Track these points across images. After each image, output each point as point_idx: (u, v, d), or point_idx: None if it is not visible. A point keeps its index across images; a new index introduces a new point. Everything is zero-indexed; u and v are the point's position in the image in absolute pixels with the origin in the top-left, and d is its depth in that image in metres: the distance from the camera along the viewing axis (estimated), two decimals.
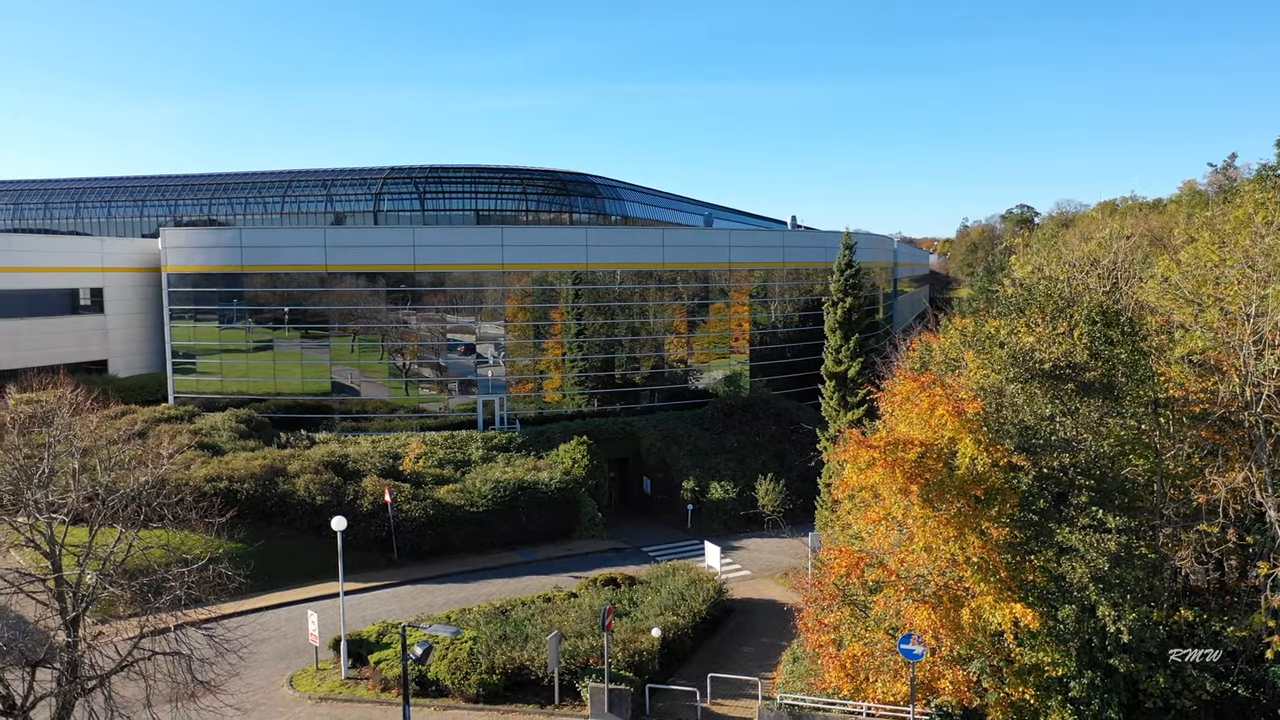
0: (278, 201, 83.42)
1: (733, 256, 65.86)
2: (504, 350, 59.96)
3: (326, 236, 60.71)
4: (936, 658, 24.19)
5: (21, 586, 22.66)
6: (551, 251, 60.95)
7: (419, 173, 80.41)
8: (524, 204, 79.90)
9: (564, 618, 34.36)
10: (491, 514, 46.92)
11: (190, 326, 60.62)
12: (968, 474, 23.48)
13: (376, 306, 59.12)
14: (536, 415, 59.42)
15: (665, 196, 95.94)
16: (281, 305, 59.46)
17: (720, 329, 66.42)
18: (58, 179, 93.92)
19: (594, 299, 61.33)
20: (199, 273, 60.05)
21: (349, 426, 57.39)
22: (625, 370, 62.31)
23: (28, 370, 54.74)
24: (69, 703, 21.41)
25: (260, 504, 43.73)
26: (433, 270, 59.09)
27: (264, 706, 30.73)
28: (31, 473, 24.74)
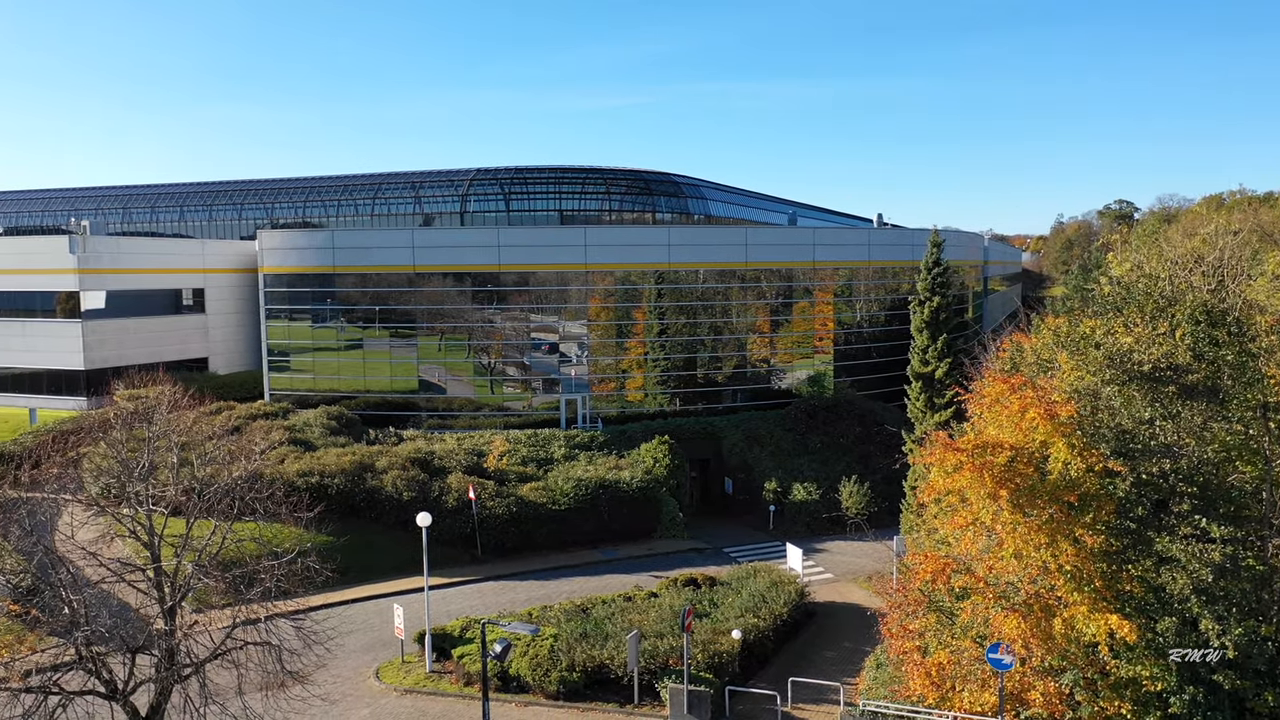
0: (368, 203, 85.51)
1: (817, 255, 65.00)
2: (587, 349, 60.31)
3: (414, 238, 62.00)
4: (1026, 668, 23.38)
5: (124, 575, 23.60)
6: (634, 251, 61.07)
7: (504, 174, 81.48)
8: (607, 204, 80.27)
9: (644, 617, 34.33)
10: (573, 512, 47.21)
11: (285, 325, 62.54)
12: (1060, 479, 22.63)
13: (463, 306, 60.09)
14: (619, 414, 59.60)
15: (749, 195, 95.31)
16: (371, 305, 60.93)
17: (804, 328, 65.63)
18: (163, 184, 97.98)
19: (677, 298, 61.24)
20: (293, 273, 61.89)
21: (435, 424, 58.45)
22: (707, 370, 62.06)
23: (133, 368, 57.30)
24: (166, 688, 22.20)
25: (349, 499, 44.78)
26: (517, 270, 59.78)
27: (351, 697, 31.43)
28: (134, 466, 25.78)
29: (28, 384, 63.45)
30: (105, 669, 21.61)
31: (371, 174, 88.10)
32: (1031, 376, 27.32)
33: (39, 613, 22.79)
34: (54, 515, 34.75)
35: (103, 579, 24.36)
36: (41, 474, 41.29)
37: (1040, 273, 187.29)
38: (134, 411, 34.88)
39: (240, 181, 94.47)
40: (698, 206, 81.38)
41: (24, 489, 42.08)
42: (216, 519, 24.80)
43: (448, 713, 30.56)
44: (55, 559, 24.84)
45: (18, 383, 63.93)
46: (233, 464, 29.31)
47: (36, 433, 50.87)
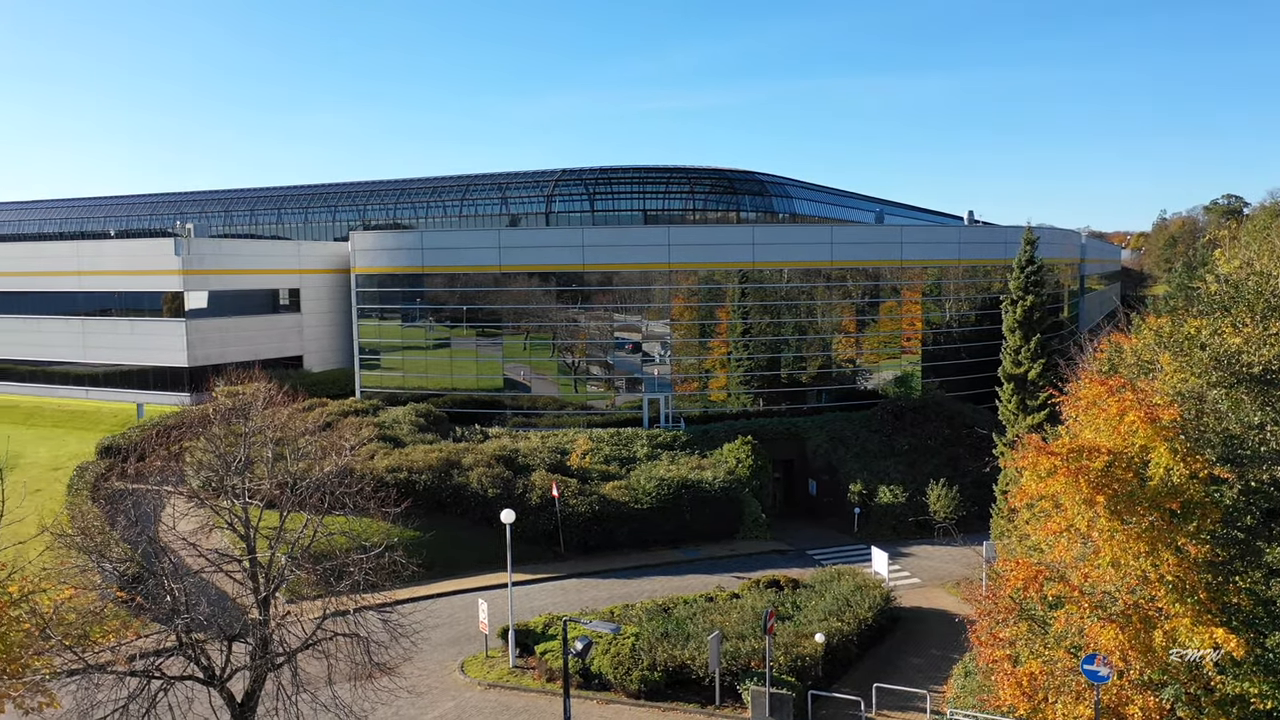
0: (457, 205, 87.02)
1: (905, 253, 63.75)
2: (670, 349, 60.28)
3: (501, 238, 62.85)
4: (1124, 681, 22.47)
5: (221, 566, 24.43)
6: (718, 250, 60.81)
7: (589, 174, 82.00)
8: (691, 203, 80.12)
9: (726, 618, 34.13)
10: (655, 511, 47.23)
11: (375, 324, 64.08)
12: (1161, 485, 21.68)
13: (547, 305, 60.67)
14: (701, 414, 59.42)
15: (834, 193, 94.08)
16: (459, 304, 61.99)
17: (891, 328, 64.44)
18: (262, 187, 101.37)
19: (760, 297, 60.76)
20: (384, 273, 63.37)
21: (520, 422, 59.15)
22: (791, 370, 61.42)
23: (232, 365, 59.42)
24: (261, 676, 22.90)
25: (436, 495, 45.60)
26: (601, 270, 60.08)
27: (436, 690, 31.99)
28: (231, 460, 26.66)
29: (135, 379, 66.39)
30: (204, 655, 22.39)
31: (460, 175, 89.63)
32: (1131, 378, 26.26)
33: (143, 600, 23.73)
34: (158, 506, 36.15)
35: (202, 569, 25.30)
36: (147, 467, 43.11)
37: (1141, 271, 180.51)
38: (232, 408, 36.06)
39: (334, 184, 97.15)
40: (782, 205, 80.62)
41: (130, 481, 44.10)
42: (308, 513, 25.49)
43: (530, 708, 30.86)
44: (158, 548, 25.87)
45: (126, 378, 66.94)
46: (324, 459, 30.10)
47: (143, 427, 53.12)
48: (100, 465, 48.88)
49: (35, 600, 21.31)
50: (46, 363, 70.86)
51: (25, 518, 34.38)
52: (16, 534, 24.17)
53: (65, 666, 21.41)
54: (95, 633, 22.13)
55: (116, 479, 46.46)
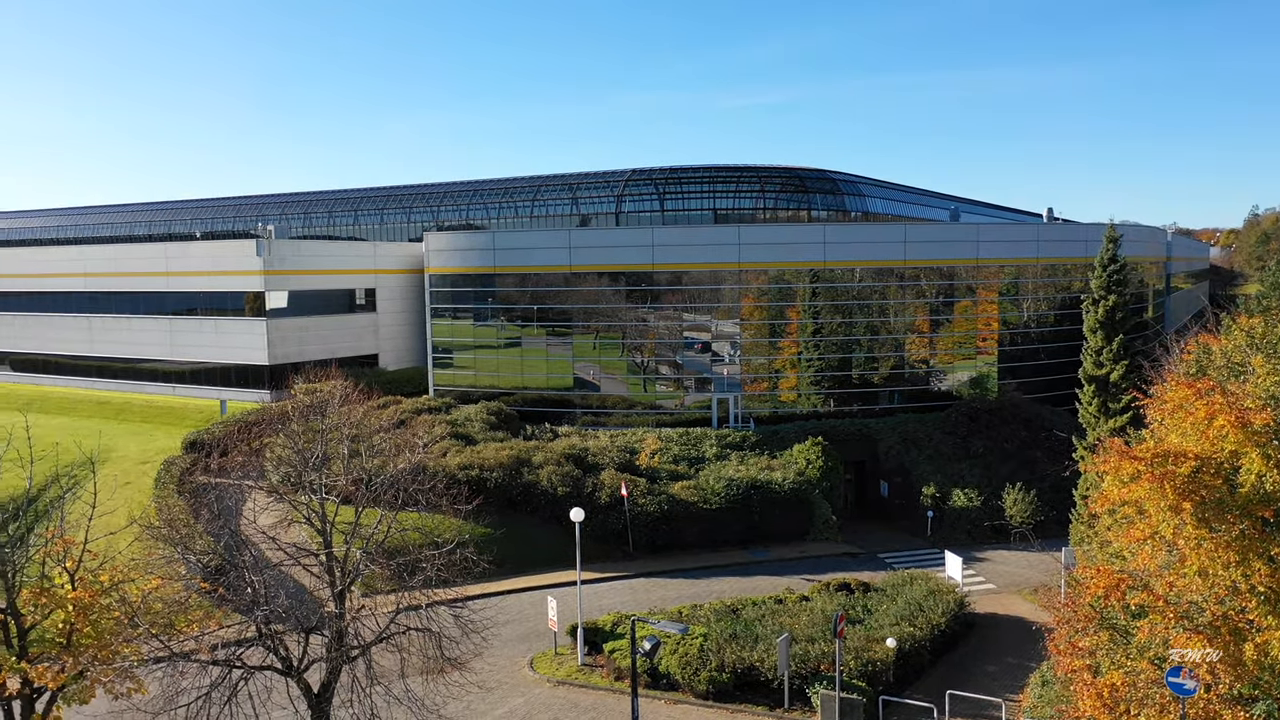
0: (528, 205, 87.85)
1: (981, 252, 62.41)
2: (739, 348, 60.01)
3: (571, 238, 63.29)
4: (1212, 695, 21.64)
5: (299, 559, 25.05)
6: (788, 249, 60.32)
7: (658, 174, 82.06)
8: (761, 202, 79.65)
9: (795, 620, 33.84)
10: (724, 512, 47.06)
11: (448, 324, 65.06)
12: (1253, 493, 20.83)
13: (617, 305, 60.90)
14: (771, 414, 59.02)
15: (908, 191, 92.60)
16: (530, 304, 62.61)
17: (966, 328, 63.16)
18: (340, 190, 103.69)
19: (832, 297, 60.08)
20: (457, 273, 64.30)
21: (589, 421, 59.47)
22: (863, 370, 60.62)
23: (310, 363, 60.91)
24: (336, 668, 23.41)
25: (506, 492, 46.10)
26: (670, 269, 60.08)
27: (506, 686, 32.35)
28: (309, 457, 27.29)
29: (219, 377, 68.48)
30: (282, 646, 22.97)
31: (531, 176, 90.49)
32: (1220, 381, 25.29)
33: (225, 591, 24.43)
34: (239, 500, 37.27)
35: (281, 562, 25.97)
36: (229, 462, 44.41)
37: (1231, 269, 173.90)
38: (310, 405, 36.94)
39: (409, 186, 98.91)
40: (855, 204, 79.62)
41: (214, 475, 45.47)
42: (383, 508, 25.97)
43: (598, 705, 31.00)
44: (240, 541, 26.67)
45: (210, 375, 69.09)
46: (398, 456, 30.67)
47: (225, 423, 54.77)
48: (186, 460, 50.51)
49: (125, 589, 22.12)
50: (136, 360, 73.52)
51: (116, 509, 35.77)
52: (108, 525, 25.10)
53: (152, 654, 22.18)
54: (180, 622, 22.89)
55: (201, 473, 47.94)
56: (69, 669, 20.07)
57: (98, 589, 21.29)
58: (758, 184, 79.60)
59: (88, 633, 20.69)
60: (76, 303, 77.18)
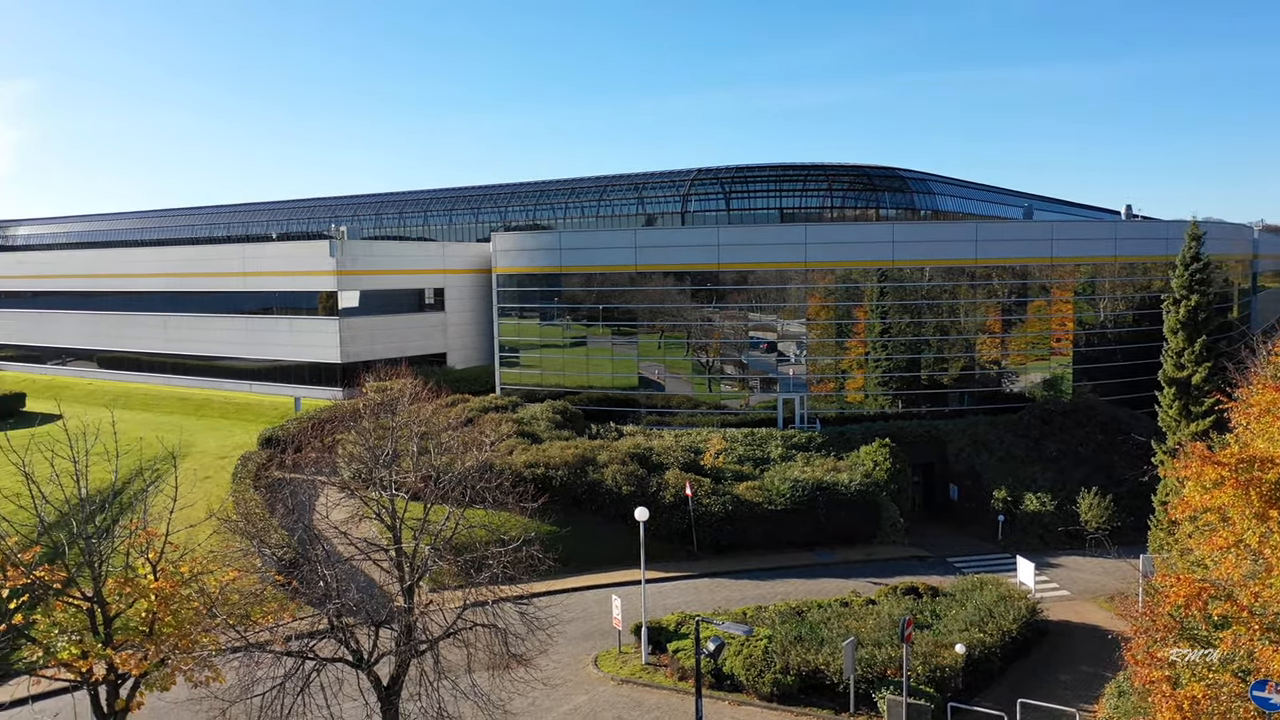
0: (594, 205, 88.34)
1: (1055, 250, 60.92)
2: (805, 348, 59.52)
3: (636, 238, 63.45)
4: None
5: (370, 554, 25.56)
6: (856, 249, 59.63)
7: (725, 173, 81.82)
8: (828, 201, 78.90)
9: (861, 624, 33.45)
10: (789, 513, 46.72)
11: (515, 323, 65.75)
12: None
13: (682, 304, 60.90)
14: (837, 415, 58.42)
15: (980, 188, 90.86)
16: (595, 303, 62.95)
17: (1040, 328, 61.72)
18: (410, 191, 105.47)
19: (900, 296, 59.24)
20: (523, 273, 64.95)
21: (654, 420, 59.56)
22: (932, 371, 59.65)
23: (380, 361, 62.07)
24: (405, 661, 23.83)
25: (571, 491, 46.39)
26: (736, 269, 59.86)
27: (570, 683, 32.57)
28: (380, 453, 27.84)
29: (293, 375, 70.23)
30: (353, 639, 23.45)
31: (597, 176, 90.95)
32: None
33: (299, 584, 25.06)
34: (312, 496, 38.16)
35: (352, 556, 26.51)
36: (303, 458, 45.51)
37: None
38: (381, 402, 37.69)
39: (477, 187, 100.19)
40: (924, 202, 78.40)
41: (288, 470, 46.61)
42: (451, 505, 26.34)
43: (662, 705, 31.04)
44: (313, 536, 27.30)
45: (284, 373, 70.89)
46: (466, 454, 31.10)
47: (299, 420, 56.10)
48: (261, 455, 51.86)
49: (204, 581, 22.82)
50: (215, 358, 75.78)
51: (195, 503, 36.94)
52: (188, 518, 25.95)
53: (229, 644, 22.84)
54: (256, 613, 23.53)
55: (276, 469, 49.20)
56: (151, 656, 20.78)
57: (178, 580, 22.00)
58: (825, 182, 78.88)
59: (169, 622, 21.40)
60: (159, 302, 79.86)
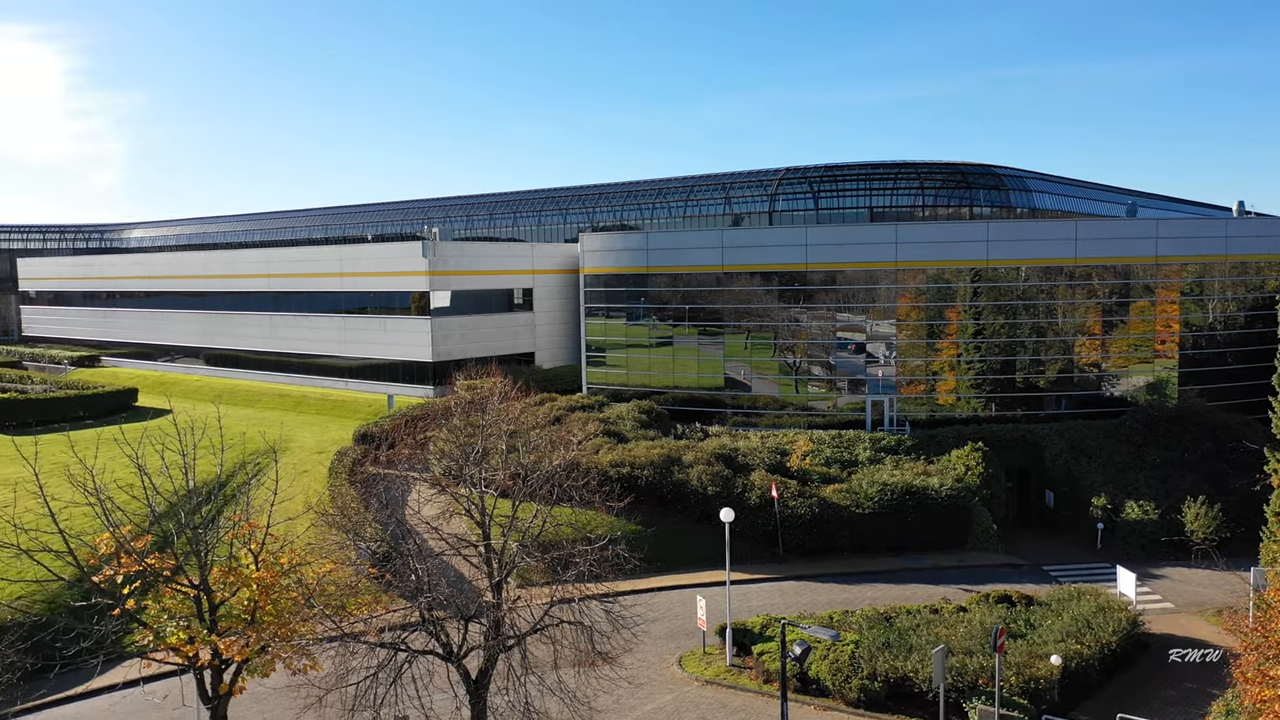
0: (681, 205, 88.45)
1: (1160, 249, 58.60)
2: (895, 349, 58.52)
3: (723, 238, 63.28)
4: None
5: (459, 550, 26.08)
6: (948, 248, 58.38)
7: (813, 172, 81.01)
8: (920, 199, 77.45)
9: (951, 632, 32.74)
10: (877, 517, 46.01)
11: (602, 323, 66.26)
12: None
13: (769, 305, 60.51)
14: (927, 418, 57.29)
15: (1079, 185, 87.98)
16: (681, 303, 63.00)
17: (1143, 330, 59.43)
18: (499, 192, 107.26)
19: (995, 297, 57.76)
20: (610, 273, 65.39)
21: (739, 421, 59.32)
22: (1028, 373, 57.98)
23: (470, 360, 63.28)
24: (493, 656, 24.24)
25: (657, 490, 46.52)
26: (824, 269, 59.21)
27: (654, 682, 32.68)
28: (469, 451, 28.40)
29: (386, 373, 72.11)
30: (443, 632, 23.96)
31: (684, 176, 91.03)
32: None
33: (391, 577, 25.72)
34: (405, 491, 39.03)
35: (443, 551, 27.10)
36: (396, 454, 46.63)
37: None
38: (471, 401, 38.42)
39: (565, 188, 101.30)
40: (1020, 199, 76.29)
41: (382, 466, 47.83)
42: (538, 503, 26.71)
43: (747, 707, 30.91)
44: (405, 530, 28.00)
45: (378, 371, 72.83)
46: (553, 452, 31.46)
47: (393, 417, 57.55)
48: (356, 451, 53.36)
49: (302, 572, 23.65)
50: (312, 356, 78.30)
51: (294, 496, 38.23)
52: (287, 510, 26.85)
53: (325, 634, 23.61)
54: (351, 605, 24.29)
55: (370, 464, 50.55)
56: (253, 643, 21.64)
57: (278, 570, 22.85)
58: (916, 180, 77.43)
59: (269, 610, 22.23)
60: (261, 302, 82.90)
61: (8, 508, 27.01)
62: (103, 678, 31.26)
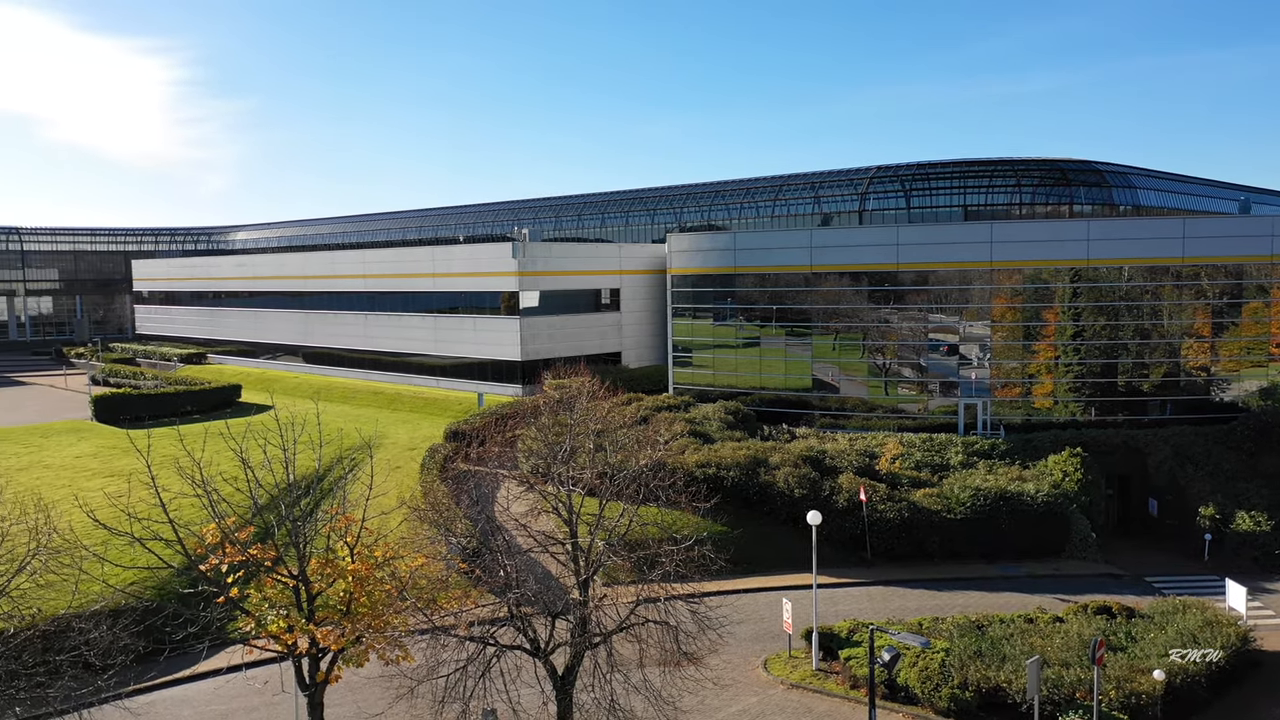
0: (769, 205, 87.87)
1: (1276, 247, 55.80)
2: (989, 351, 57.06)
3: (812, 238, 62.64)
4: None
5: (547, 547, 26.44)
6: (1046, 247, 56.64)
7: (905, 170, 79.57)
8: (1016, 197, 75.37)
9: (1047, 642, 31.78)
10: (969, 523, 44.94)
11: (688, 323, 66.26)
12: None
13: (858, 305, 59.66)
14: (1023, 422, 55.68)
15: (1188, 181, 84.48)
16: (769, 304, 62.58)
17: (1256, 332, 56.67)
18: (587, 193, 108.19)
19: (1095, 297, 55.83)
20: (697, 274, 65.35)
21: (827, 423, 58.63)
22: (1130, 377, 55.87)
23: (558, 360, 63.99)
24: (579, 653, 24.49)
25: (742, 492, 46.29)
26: (915, 269, 58.10)
27: (739, 684, 32.55)
28: (557, 449, 28.75)
29: (476, 371, 73.44)
30: (530, 628, 24.32)
31: (772, 176, 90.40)
32: None
33: (481, 572, 26.22)
34: (494, 488, 39.78)
35: (531, 548, 27.51)
36: (486, 451, 47.44)
37: None
38: (559, 400, 38.84)
39: (653, 188, 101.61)
40: (1124, 197, 73.59)
41: (472, 463, 48.73)
42: (625, 502, 26.87)
43: (833, 713, 30.55)
44: (494, 527, 28.48)
45: (468, 370, 74.23)
46: (639, 452, 31.64)
47: (483, 415, 58.55)
48: (448, 448, 54.44)
49: (395, 565, 24.26)
50: (406, 354, 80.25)
51: (388, 491, 39.26)
52: (381, 505, 27.61)
53: (417, 626, 24.19)
54: (441, 598, 24.81)
55: (461, 461, 51.55)
56: (348, 634, 22.30)
57: (373, 563, 23.49)
58: (1013, 178, 75.38)
59: (364, 602, 22.87)
60: (357, 301, 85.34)
61: (122, 498, 28.34)
62: (208, 662, 32.60)
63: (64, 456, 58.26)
